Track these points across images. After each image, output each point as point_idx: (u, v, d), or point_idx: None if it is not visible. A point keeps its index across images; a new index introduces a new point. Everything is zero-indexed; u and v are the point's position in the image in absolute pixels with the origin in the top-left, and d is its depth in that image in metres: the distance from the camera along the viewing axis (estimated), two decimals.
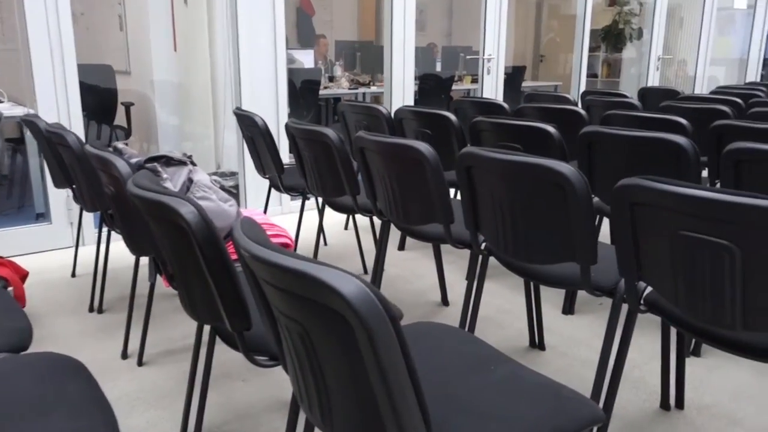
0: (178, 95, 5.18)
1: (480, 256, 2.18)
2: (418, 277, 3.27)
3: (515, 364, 1.40)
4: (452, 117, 3.07)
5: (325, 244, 3.78)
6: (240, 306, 1.39)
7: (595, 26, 9.21)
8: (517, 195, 1.81)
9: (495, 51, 5.30)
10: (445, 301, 2.94)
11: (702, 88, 7.16)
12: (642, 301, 1.71)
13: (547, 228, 1.78)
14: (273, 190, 3.37)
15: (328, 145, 2.54)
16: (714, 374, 2.29)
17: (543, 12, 10.69)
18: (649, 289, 1.69)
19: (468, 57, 6.69)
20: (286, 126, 2.83)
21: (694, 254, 1.42)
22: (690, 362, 2.35)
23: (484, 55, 5.28)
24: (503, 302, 2.90)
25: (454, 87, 7.34)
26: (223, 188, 2.49)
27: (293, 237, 3.15)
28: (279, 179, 3.13)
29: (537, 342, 2.51)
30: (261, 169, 3.35)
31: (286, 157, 4.26)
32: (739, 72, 8.00)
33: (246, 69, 4.13)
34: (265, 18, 4.15)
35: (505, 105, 3.84)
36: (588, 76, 9.47)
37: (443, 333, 1.58)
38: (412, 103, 4.94)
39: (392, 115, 3.42)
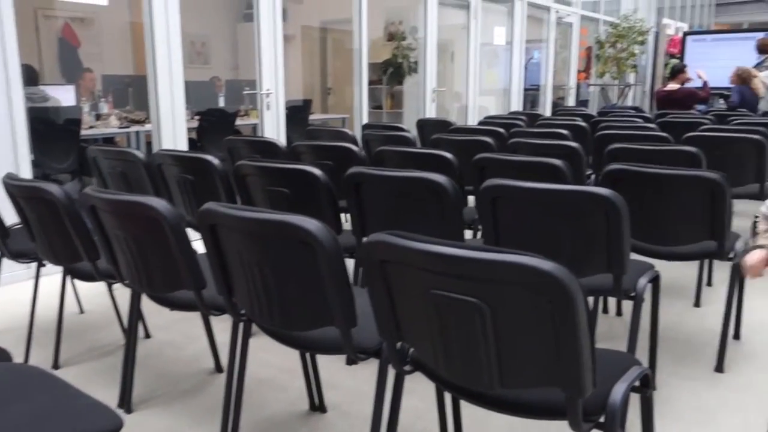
0: None
1: (241, 323, 1.91)
2: (190, 341, 2.91)
3: None
4: (214, 161, 2.78)
5: (81, 311, 3.24)
6: None
7: (377, 59, 9.55)
8: (265, 255, 1.58)
9: (273, 85, 5.12)
10: (218, 368, 2.62)
11: (474, 118, 7.67)
12: (409, 360, 1.58)
13: (301, 291, 1.58)
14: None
15: (53, 203, 2.12)
16: (492, 416, 2.25)
17: (328, 45, 10.86)
18: None
19: (245, 92, 6.44)
20: (3, 182, 2.33)
21: (446, 313, 1.30)
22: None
23: (261, 90, 5.07)
24: (284, 360, 2.66)
25: (240, 122, 7.05)
26: None
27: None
28: (3, 244, 2.58)
29: (318, 404, 2.29)
30: None
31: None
32: (504, 101, 8.75)
33: None
34: None
35: (280, 143, 3.66)
36: (373, 107, 9.79)
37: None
38: (185, 142, 4.55)
39: None
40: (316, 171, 2.42)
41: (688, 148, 3.15)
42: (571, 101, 10.36)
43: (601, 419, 1.35)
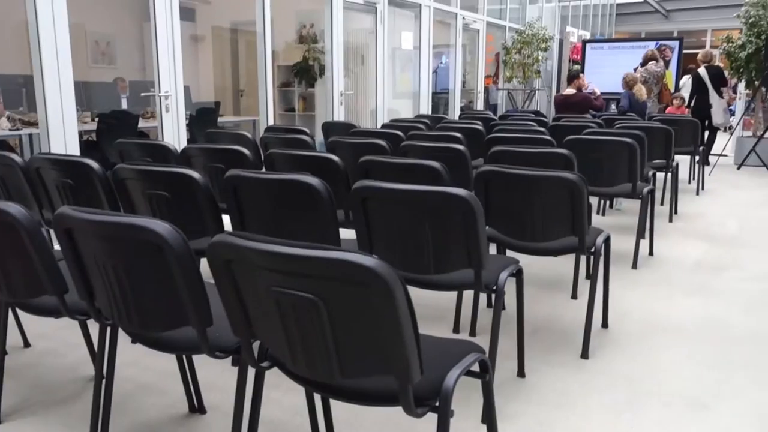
0: None
1: (108, 327, 1.91)
2: (72, 349, 2.84)
3: None
4: (94, 165, 2.73)
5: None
6: None
7: (289, 62, 9.54)
8: (119, 258, 1.60)
9: (172, 87, 5.05)
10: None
11: (383, 121, 7.81)
12: (267, 357, 1.63)
13: (155, 292, 1.60)
14: None
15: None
16: (366, 410, 2.33)
17: (240, 46, 10.73)
18: None
19: (143, 94, 6.30)
20: None
21: (287, 310, 1.36)
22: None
23: (160, 92, 4.99)
24: (166, 364, 2.64)
25: (145, 124, 6.87)
26: None
27: None
28: None
29: (197, 406, 2.31)
30: None
31: None
32: (414, 104, 8.95)
33: None
34: None
35: (171, 146, 3.62)
36: (286, 110, 9.79)
37: None
38: (76, 145, 4.42)
39: None
40: (195, 174, 2.44)
41: (562, 151, 3.36)
42: (479, 105, 10.71)
43: (437, 403, 1.45)
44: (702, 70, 8.34)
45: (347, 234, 2.59)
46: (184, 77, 5.21)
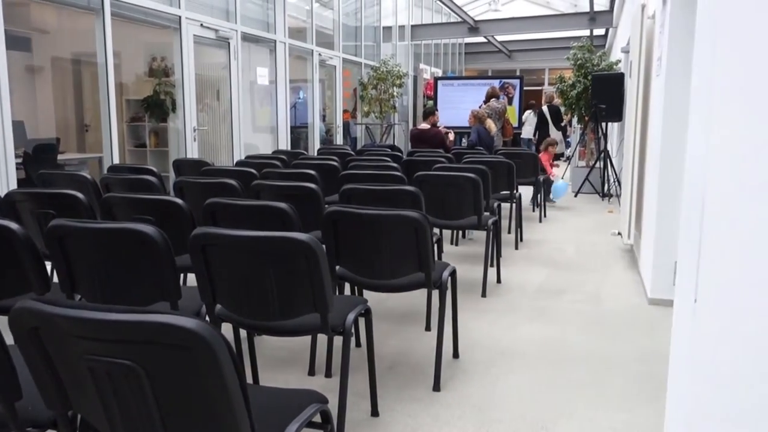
0: None
1: None
2: None
3: None
4: None
5: None
6: None
7: (139, 96, 9.11)
8: None
9: None
10: None
11: (241, 157, 7.65)
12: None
13: None
14: None
15: None
16: None
17: (84, 79, 10.09)
18: None
19: None
20: None
21: (102, 378, 1.25)
22: None
23: None
24: None
25: None
26: None
27: None
28: None
29: None
30: None
31: None
32: (273, 139, 8.88)
33: None
34: None
35: None
36: (136, 145, 9.31)
37: None
38: None
39: None
40: (13, 225, 2.22)
41: (410, 188, 3.47)
42: (339, 139, 10.86)
43: None
44: (545, 108, 9.17)
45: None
46: (14, 111, 4.78)
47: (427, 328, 3.63)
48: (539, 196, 7.59)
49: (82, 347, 1.23)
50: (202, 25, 7.03)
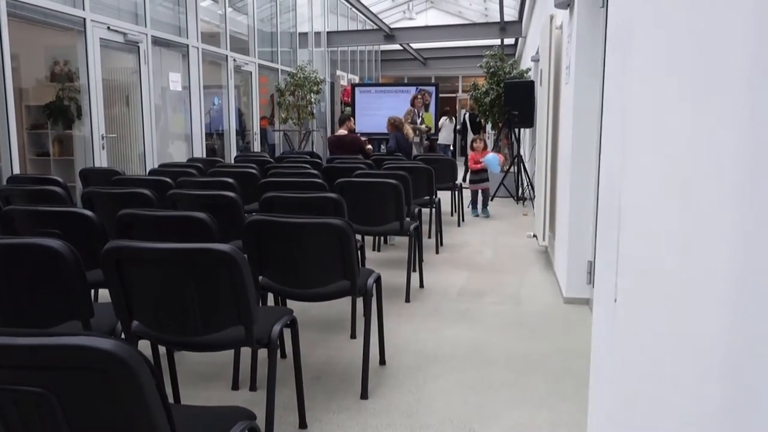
0: None
1: None
2: None
3: None
4: None
5: None
6: None
7: (40, 102, 8.58)
8: None
9: None
10: None
11: (153, 165, 7.37)
12: None
13: None
14: None
15: None
16: None
17: None
18: None
19: None
20: None
21: (8, 409, 1.15)
22: None
23: None
24: None
25: None
26: None
27: None
28: None
29: None
30: None
31: None
32: (187, 147, 8.60)
33: None
34: None
35: None
36: (38, 154, 8.76)
37: None
38: None
39: None
40: None
41: (332, 195, 3.45)
42: (256, 146, 10.67)
43: None
44: (467, 116, 9.47)
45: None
46: None
47: (353, 335, 3.61)
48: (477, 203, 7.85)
49: None
50: (109, 28, 6.73)
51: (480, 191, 8.00)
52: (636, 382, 1.28)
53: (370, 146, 8.09)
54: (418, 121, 9.61)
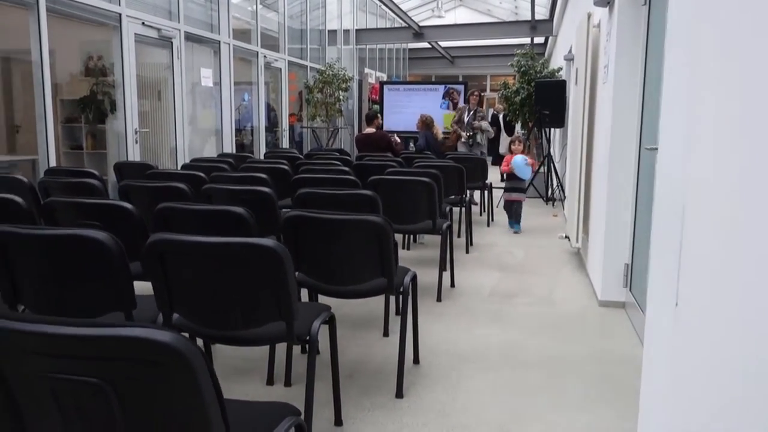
0: None
1: None
2: None
3: None
4: None
5: None
6: None
7: (74, 96, 8.70)
8: None
9: None
10: None
11: (184, 160, 7.42)
12: None
13: None
14: None
15: None
16: None
17: (14, 78, 9.58)
18: None
19: None
20: None
21: (66, 399, 1.15)
22: None
23: None
24: None
25: None
26: None
27: None
28: None
29: None
30: None
31: None
32: (217, 142, 8.66)
33: None
34: None
35: None
36: (72, 147, 8.89)
37: None
38: None
39: None
40: None
41: (367, 192, 3.43)
42: (285, 143, 10.70)
43: None
44: (500, 116, 9.47)
45: (146, 287, 2.35)
46: None
47: (385, 333, 3.59)
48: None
49: (42, 365, 1.12)
50: (143, 23, 6.79)
51: (513, 202, 6.94)
52: (700, 389, 1.24)
53: (399, 141, 7.99)
54: (472, 119, 8.82)
